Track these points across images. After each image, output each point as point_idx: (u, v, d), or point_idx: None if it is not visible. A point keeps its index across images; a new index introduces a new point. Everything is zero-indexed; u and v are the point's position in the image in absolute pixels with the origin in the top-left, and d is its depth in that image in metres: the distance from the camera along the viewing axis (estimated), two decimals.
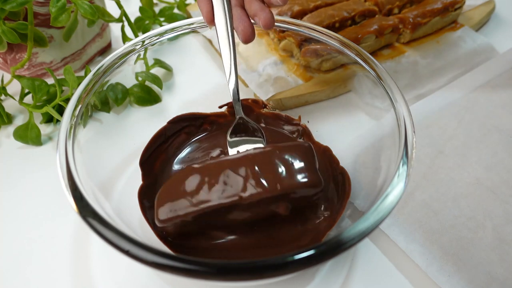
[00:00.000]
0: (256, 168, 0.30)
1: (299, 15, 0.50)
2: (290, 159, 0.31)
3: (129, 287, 0.31)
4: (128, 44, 0.35)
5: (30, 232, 0.35)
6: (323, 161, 0.37)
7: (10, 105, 0.45)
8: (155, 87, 0.45)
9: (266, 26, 0.32)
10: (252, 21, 0.34)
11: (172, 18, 0.57)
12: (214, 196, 0.29)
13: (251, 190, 0.29)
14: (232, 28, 0.34)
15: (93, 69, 0.32)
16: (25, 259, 0.33)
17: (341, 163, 0.36)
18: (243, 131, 0.37)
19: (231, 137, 0.37)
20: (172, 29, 0.37)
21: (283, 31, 0.47)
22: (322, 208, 0.34)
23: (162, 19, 0.58)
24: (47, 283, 0.32)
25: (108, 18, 0.47)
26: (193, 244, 0.32)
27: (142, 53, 0.45)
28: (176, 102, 0.45)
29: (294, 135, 0.40)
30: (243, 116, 0.37)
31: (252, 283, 0.29)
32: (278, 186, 0.29)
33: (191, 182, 0.30)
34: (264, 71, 0.47)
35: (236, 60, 0.35)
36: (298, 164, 0.30)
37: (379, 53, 0.51)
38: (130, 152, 0.36)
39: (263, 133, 0.37)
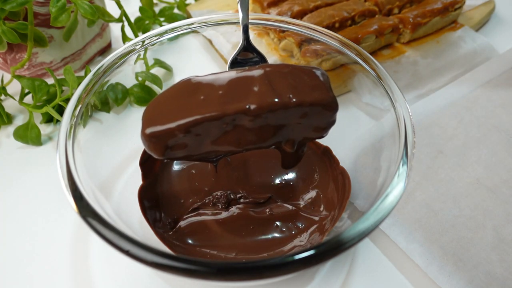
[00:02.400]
0: (268, 80, 0.25)
1: (299, 15, 0.50)
2: (305, 77, 0.26)
3: (129, 287, 0.31)
4: (128, 44, 0.35)
5: (30, 232, 0.35)
6: (323, 161, 0.37)
7: (10, 105, 0.45)
8: (155, 87, 0.45)
9: None
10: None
11: (172, 18, 0.57)
12: (215, 105, 0.24)
13: (260, 98, 0.24)
14: None
15: (93, 69, 0.32)
16: (25, 259, 0.33)
17: (341, 163, 0.36)
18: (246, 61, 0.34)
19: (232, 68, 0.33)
20: (172, 29, 0.37)
21: (283, 31, 0.47)
22: (322, 208, 0.34)
23: (162, 19, 0.58)
24: (47, 283, 0.32)
25: (108, 18, 0.47)
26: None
27: (142, 53, 0.45)
28: None
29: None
30: (249, 41, 0.34)
31: (252, 283, 0.29)
32: (292, 98, 0.25)
33: (188, 93, 0.25)
34: None
35: None
36: (314, 82, 0.26)
37: (379, 53, 0.51)
38: (130, 152, 0.36)
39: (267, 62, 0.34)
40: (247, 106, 0.24)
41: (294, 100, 0.25)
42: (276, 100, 0.24)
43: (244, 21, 0.34)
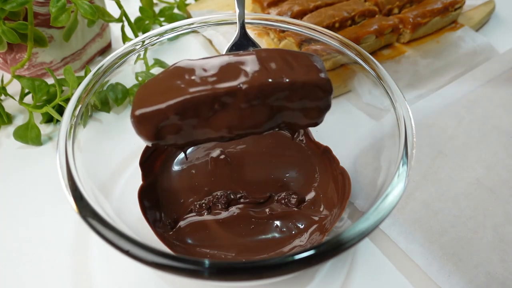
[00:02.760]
0: (261, 62, 0.25)
1: (299, 15, 0.50)
2: (300, 60, 0.26)
3: (129, 287, 0.31)
4: (128, 44, 0.35)
5: (30, 232, 0.35)
6: (323, 161, 0.37)
7: (10, 105, 0.45)
8: None
9: None
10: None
11: (172, 18, 0.57)
12: (207, 84, 0.24)
13: (252, 78, 0.24)
14: None
15: (93, 69, 0.32)
16: (25, 259, 0.33)
17: (341, 163, 0.36)
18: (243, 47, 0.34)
19: None
20: (172, 29, 0.37)
21: (283, 31, 0.47)
22: (322, 208, 0.34)
23: (162, 19, 0.58)
24: (48, 283, 0.32)
25: (108, 18, 0.47)
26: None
27: (142, 53, 0.45)
28: None
29: (294, 135, 0.40)
30: (246, 34, 0.33)
31: (252, 283, 0.29)
32: (284, 78, 0.24)
33: (179, 75, 0.24)
34: None
35: None
36: (308, 64, 0.26)
37: (379, 53, 0.51)
38: (130, 152, 0.36)
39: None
40: (239, 86, 0.24)
41: (286, 79, 0.24)
42: (269, 80, 0.24)
43: (241, 17, 0.34)
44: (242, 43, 0.35)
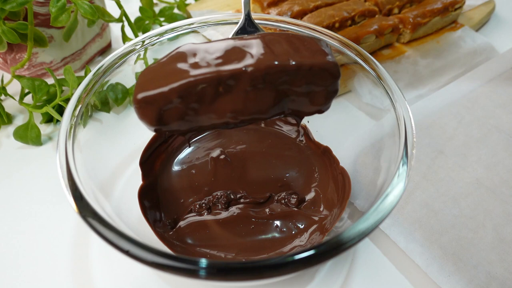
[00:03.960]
0: (267, 45, 0.24)
1: (299, 15, 0.50)
2: (306, 43, 0.25)
3: (129, 287, 0.31)
4: (128, 44, 0.35)
5: (30, 232, 0.35)
6: (323, 161, 0.37)
7: (10, 105, 0.45)
8: None
9: None
10: None
11: (172, 18, 0.57)
12: (210, 68, 0.23)
13: (258, 60, 0.23)
14: None
15: (93, 69, 0.32)
16: (25, 259, 0.33)
17: (341, 163, 0.36)
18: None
19: None
20: (172, 29, 0.37)
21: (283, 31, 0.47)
22: (322, 208, 0.34)
23: (162, 19, 0.58)
24: (48, 283, 0.32)
25: (108, 18, 0.47)
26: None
27: (142, 53, 0.44)
28: None
29: (294, 135, 0.40)
30: (250, 18, 0.33)
31: (252, 283, 0.29)
32: (291, 60, 0.24)
33: (183, 58, 0.24)
34: None
35: None
36: (315, 48, 0.25)
37: (379, 53, 0.51)
38: (130, 152, 0.36)
39: None
40: (244, 68, 0.23)
41: (293, 62, 0.24)
42: (275, 62, 0.23)
43: (247, 5, 0.33)
44: (248, 29, 0.34)
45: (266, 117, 0.26)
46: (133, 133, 0.39)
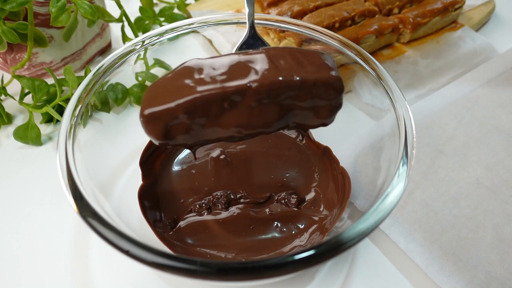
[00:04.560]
0: (271, 60, 0.25)
1: (299, 15, 0.50)
2: (310, 58, 0.26)
3: (129, 287, 0.31)
4: (128, 44, 0.35)
5: (30, 232, 0.35)
6: (323, 161, 0.37)
7: (10, 105, 0.45)
8: None
9: None
10: None
11: (172, 18, 0.57)
12: (216, 83, 0.24)
13: (262, 76, 0.24)
14: None
15: (93, 69, 0.32)
16: (25, 259, 0.33)
17: (341, 163, 0.36)
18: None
19: None
20: (172, 29, 0.37)
21: (283, 31, 0.47)
22: (322, 208, 0.34)
23: (162, 19, 0.58)
24: (48, 283, 0.32)
25: (108, 18, 0.47)
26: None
27: (142, 53, 0.45)
28: None
29: (294, 135, 0.40)
30: (255, 29, 0.34)
31: (252, 283, 0.29)
32: (295, 76, 0.24)
33: (189, 74, 0.24)
34: None
35: None
36: (319, 62, 0.26)
37: (379, 53, 0.51)
38: (130, 152, 0.36)
39: None
40: (249, 84, 0.23)
41: (297, 78, 0.24)
42: (279, 78, 0.24)
43: (251, 16, 0.34)
44: (252, 42, 0.35)
45: (270, 131, 0.27)
46: (133, 133, 0.39)
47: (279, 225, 0.33)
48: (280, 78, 0.24)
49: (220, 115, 0.24)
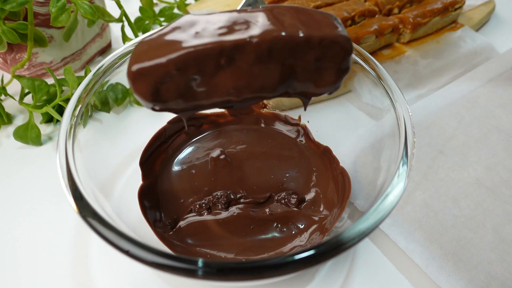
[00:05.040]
0: (274, 16, 0.23)
1: None
2: (316, 16, 0.23)
3: (129, 287, 0.31)
4: (128, 44, 0.35)
5: (29, 232, 0.35)
6: (323, 161, 0.37)
7: (10, 105, 0.45)
8: None
9: None
10: None
11: (172, 18, 0.57)
12: (212, 38, 0.21)
13: (264, 31, 0.22)
14: None
15: (93, 69, 0.32)
16: (25, 259, 0.33)
17: (341, 163, 0.36)
18: None
19: None
20: None
21: None
22: (322, 208, 0.34)
23: (162, 19, 0.58)
24: (47, 283, 0.32)
25: (108, 18, 0.47)
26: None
27: None
28: None
29: (294, 135, 0.40)
30: None
31: (252, 283, 0.29)
32: (299, 32, 0.22)
33: (183, 29, 0.22)
34: None
35: None
36: (326, 21, 0.23)
37: (379, 53, 0.51)
38: (130, 152, 0.36)
39: None
40: (248, 39, 0.21)
41: (302, 34, 0.22)
42: (282, 33, 0.22)
43: None
44: (254, 3, 0.33)
45: (271, 96, 0.24)
46: (133, 133, 0.39)
47: (279, 225, 0.33)
48: (283, 34, 0.22)
49: (216, 74, 0.22)
